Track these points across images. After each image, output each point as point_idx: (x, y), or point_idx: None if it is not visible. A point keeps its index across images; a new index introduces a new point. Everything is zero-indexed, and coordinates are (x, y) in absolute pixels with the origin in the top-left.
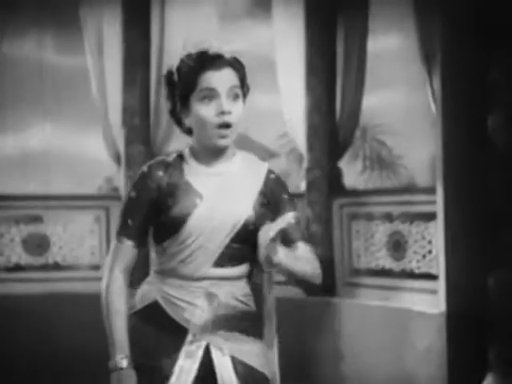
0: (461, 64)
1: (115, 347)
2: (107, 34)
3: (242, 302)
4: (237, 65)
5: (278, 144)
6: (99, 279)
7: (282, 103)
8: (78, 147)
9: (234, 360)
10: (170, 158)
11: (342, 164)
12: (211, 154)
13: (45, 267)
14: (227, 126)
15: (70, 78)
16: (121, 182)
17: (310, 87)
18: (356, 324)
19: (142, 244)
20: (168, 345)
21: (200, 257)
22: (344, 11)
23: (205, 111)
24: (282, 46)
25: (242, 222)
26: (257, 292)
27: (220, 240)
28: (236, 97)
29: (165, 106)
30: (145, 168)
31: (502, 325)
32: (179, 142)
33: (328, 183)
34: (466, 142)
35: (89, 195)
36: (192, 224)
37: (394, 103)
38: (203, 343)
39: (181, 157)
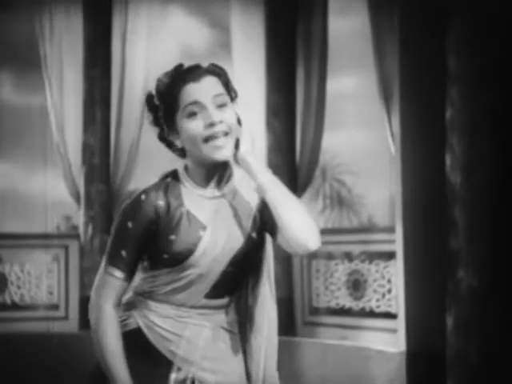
0: (419, 104)
1: None
2: (68, 73)
3: (226, 329)
4: (216, 70)
5: None
6: (57, 319)
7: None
8: (36, 186)
9: None
10: (167, 181)
11: (302, 203)
12: (207, 173)
13: (2, 307)
14: (223, 134)
15: (28, 116)
16: (80, 221)
17: (270, 127)
18: (316, 363)
19: (132, 277)
20: (152, 378)
21: (197, 286)
22: (304, 51)
23: (193, 127)
24: (242, 86)
25: (239, 247)
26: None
27: (220, 268)
28: (223, 105)
29: (124, 145)
30: (142, 196)
31: (461, 364)
32: (139, 181)
33: None
34: (424, 181)
35: (48, 234)
36: (197, 257)
37: (353, 143)
38: (189, 377)
39: (176, 178)
